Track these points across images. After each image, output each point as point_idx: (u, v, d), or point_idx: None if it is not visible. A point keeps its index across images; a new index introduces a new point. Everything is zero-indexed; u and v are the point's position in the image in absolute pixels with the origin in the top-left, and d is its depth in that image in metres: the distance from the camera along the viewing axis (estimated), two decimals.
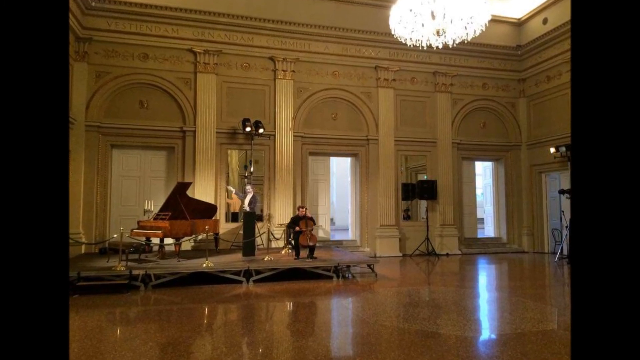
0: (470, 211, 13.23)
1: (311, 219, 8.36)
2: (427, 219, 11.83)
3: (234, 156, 11.43)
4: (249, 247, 8.51)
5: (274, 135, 10.90)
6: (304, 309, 6.01)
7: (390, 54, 11.80)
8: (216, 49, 10.60)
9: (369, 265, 8.55)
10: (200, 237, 9.24)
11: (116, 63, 10.06)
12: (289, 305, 6.18)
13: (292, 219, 8.58)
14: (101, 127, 9.91)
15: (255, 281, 7.35)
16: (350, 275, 8.23)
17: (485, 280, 8.82)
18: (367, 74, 11.75)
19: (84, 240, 9.39)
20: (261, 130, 10.39)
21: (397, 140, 11.84)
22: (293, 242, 8.55)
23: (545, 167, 12.23)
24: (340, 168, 17.50)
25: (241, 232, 9.08)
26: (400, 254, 11.51)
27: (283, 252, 9.20)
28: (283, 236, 10.09)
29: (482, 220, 14.90)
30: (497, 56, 12.69)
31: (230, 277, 7.31)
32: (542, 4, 11.87)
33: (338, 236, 13.38)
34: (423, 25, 6.74)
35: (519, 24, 12.66)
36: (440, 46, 7.09)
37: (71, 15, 9.08)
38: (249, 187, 9.79)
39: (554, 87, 11.87)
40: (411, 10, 6.72)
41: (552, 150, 11.19)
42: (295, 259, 8.12)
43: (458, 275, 8.96)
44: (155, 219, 8.14)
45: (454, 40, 6.90)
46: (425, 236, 11.63)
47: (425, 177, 12.19)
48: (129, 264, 7.17)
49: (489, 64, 12.69)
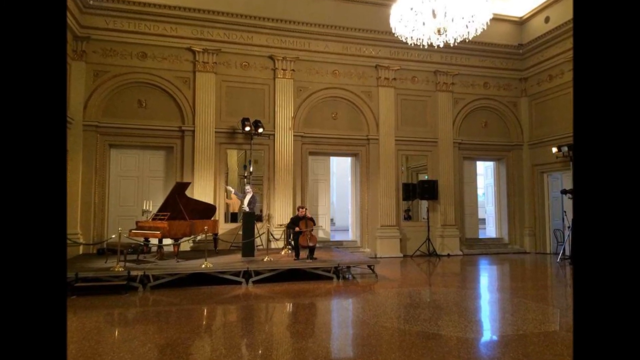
0: (471, 211, 13.22)
1: (311, 219, 8.35)
2: (428, 219, 11.83)
3: (233, 156, 11.43)
4: (248, 247, 8.51)
5: (274, 134, 10.90)
6: (303, 310, 6.01)
7: (391, 52, 11.80)
8: (215, 48, 10.60)
9: (369, 266, 8.55)
10: (199, 237, 9.24)
11: (114, 62, 10.06)
12: (288, 307, 6.18)
13: (291, 219, 8.57)
14: (99, 127, 9.91)
15: (255, 282, 7.35)
16: (350, 276, 8.23)
17: (487, 281, 8.82)
18: (367, 73, 11.75)
19: (81, 240, 9.39)
20: (261, 130, 10.39)
21: (397, 140, 11.84)
22: (293, 242, 8.55)
23: (547, 167, 12.23)
24: (341, 168, 17.50)
25: (240, 232, 9.08)
26: (401, 255, 11.51)
27: (283, 252, 9.20)
28: (283, 237, 10.09)
29: (483, 221, 14.90)
30: (498, 55, 12.69)
31: (229, 278, 7.31)
32: (544, 3, 11.87)
33: (338, 237, 13.38)
34: (424, 24, 6.74)
35: (520, 23, 12.66)
36: (441, 45, 7.09)
37: (69, 14, 9.09)
38: (248, 187, 9.79)
39: (556, 86, 11.87)
40: (412, 9, 6.72)
41: (554, 150, 11.18)
42: (295, 259, 8.11)
43: (459, 276, 8.96)
44: (153, 219, 8.13)
45: (455, 39, 6.90)
46: (426, 237, 11.63)
47: (426, 177, 12.19)
48: (127, 264, 7.17)
49: (490, 63, 12.69)
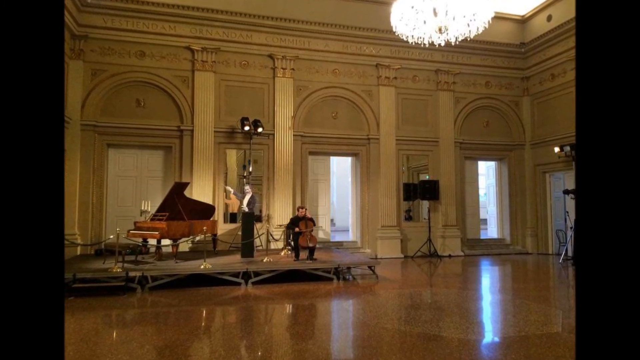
0: (473, 212, 13.23)
1: (311, 219, 8.35)
2: (429, 219, 11.83)
3: (232, 156, 11.43)
4: (247, 248, 8.51)
5: (273, 134, 10.90)
6: (303, 311, 6.01)
7: (392, 51, 11.80)
8: (214, 47, 10.60)
9: (369, 267, 8.55)
10: (198, 238, 9.24)
11: (112, 61, 10.06)
12: (288, 308, 6.18)
13: (291, 219, 8.57)
14: (97, 126, 9.91)
15: (254, 283, 7.35)
16: (350, 277, 8.23)
17: (489, 282, 8.82)
18: (368, 72, 11.75)
19: (79, 241, 9.39)
20: (260, 130, 10.39)
21: (398, 140, 11.84)
22: (292, 243, 8.55)
23: (550, 167, 12.23)
24: (341, 168, 17.50)
25: (240, 233, 9.09)
26: (402, 256, 11.51)
27: (282, 253, 9.20)
28: (282, 237, 10.09)
29: (485, 221, 14.90)
30: (500, 54, 12.69)
31: (228, 278, 7.31)
32: (546, 1, 11.86)
33: (338, 237, 13.38)
34: (425, 23, 6.74)
35: (522, 21, 12.66)
36: (443, 44, 7.09)
37: (66, 12, 9.08)
38: (247, 187, 9.79)
39: (558, 86, 11.87)
40: (413, 7, 6.72)
41: (556, 149, 11.18)
42: (294, 260, 8.11)
43: (461, 277, 8.96)
44: (152, 219, 8.13)
45: (456, 38, 6.90)
46: (427, 237, 11.63)
47: (427, 177, 12.19)
48: (125, 265, 7.16)
49: (492, 61, 12.69)
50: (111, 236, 7.85)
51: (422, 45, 7.23)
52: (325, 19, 11.18)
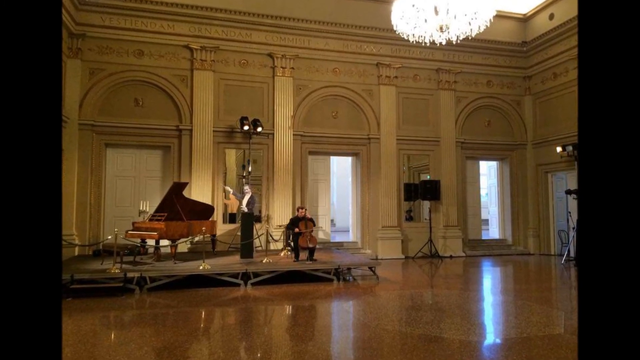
0: (474, 212, 13.23)
1: (311, 220, 8.35)
2: (430, 220, 11.83)
3: (231, 155, 11.44)
4: (247, 249, 8.51)
5: (273, 134, 10.91)
6: (303, 313, 6.01)
7: (392, 50, 11.80)
8: (213, 46, 10.60)
9: (370, 268, 8.55)
10: (197, 238, 9.24)
11: (110, 60, 10.06)
12: (288, 309, 6.18)
13: (291, 220, 8.57)
14: (95, 126, 9.91)
15: (254, 284, 7.35)
16: (351, 277, 8.23)
17: (490, 283, 8.82)
18: (368, 71, 11.76)
19: (77, 242, 9.40)
20: (259, 129, 10.39)
21: (399, 139, 11.85)
22: (292, 243, 8.55)
23: (552, 167, 12.23)
24: (341, 168, 17.50)
25: (239, 233, 9.08)
26: (403, 256, 11.51)
27: (282, 254, 9.20)
28: (282, 238, 10.09)
29: (486, 222, 14.90)
30: (502, 53, 12.69)
31: (227, 279, 7.31)
32: None
33: (338, 238, 13.38)
34: (426, 21, 6.75)
35: (524, 20, 12.66)
36: (444, 42, 7.10)
37: (64, 11, 9.08)
38: (247, 188, 9.79)
39: (560, 85, 11.88)
40: (414, 6, 6.73)
41: (558, 149, 11.18)
42: (294, 261, 8.11)
43: (462, 278, 8.96)
44: (150, 220, 8.13)
45: (457, 37, 6.91)
46: (428, 238, 11.64)
47: (428, 177, 12.20)
48: (123, 266, 7.16)
49: (493, 60, 12.69)
50: (109, 237, 7.86)
51: (423, 44, 7.24)
52: (325, 18, 11.18)
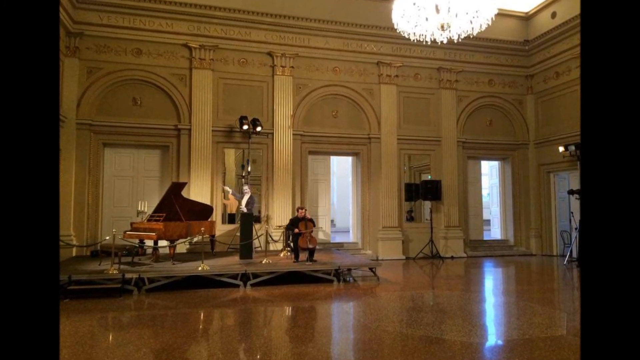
0: (475, 212, 13.23)
1: (311, 220, 8.35)
2: (431, 220, 11.83)
3: (230, 155, 11.44)
4: (246, 249, 8.51)
5: (272, 133, 10.91)
6: (303, 314, 6.01)
7: (393, 49, 11.80)
8: (212, 44, 10.60)
9: (370, 269, 8.55)
10: (195, 239, 9.24)
11: (108, 59, 10.06)
12: (287, 310, 6.18)
13: (291, 220, 8.57)
14: (93, 125, 9.91)
15: (253, 285, 7.35)
16: (351, 278, 8.23)
17: (492, 284, 8.82)
18: (368, 70, 11.76)
19: (75, 242, 9.40)
20: (259, 129, 10.39)
21: (400, 139, 11.85)
22: (292, 244, 8.55)
23: (554, 167, 12.23)
24: (341, 168, 17.50)
25: (238, 234, 9.08)
26: (404, 257, 11.51)
27: (281, 254, 9.20)
28: (282, 238, 10.09)
29: (488, 222, 14.90)
30: (503, 51, 12.69)
31: (226, 280, 7.31)
32: None
33: (339, 238, 13.38)
34: (427, 20, 6.75)
35: (526, 18, 12.66)
36: (445, 41, 7.09)
37: (61, 9, 9.08)
38: (246, 188, 9.79)
39: (562, 84, 11.88)
40: (415, 4, 6.73)
41: (561, 149, 11.18)
42: (294, 262, 8.11)
43: (463, 279, 8.97)
44: (149, 220, 8.13)
45: (459, 35, 6.91)
46: (429, 238, 11.64)
47: (429, 177, 12.20)
48: (121, 267, 7.16)
49: (495, 59, 12.68)
50: (107, 237, 7.86)
51: (424, 43, 7.24)
52: (326, 16, 11.17)
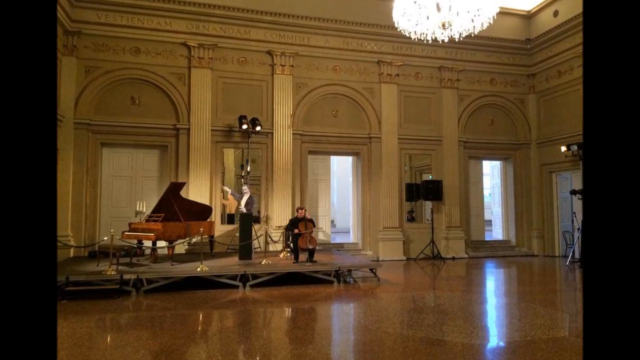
0: (477, 213, 13.22)
1: (311, 220, 8.36)
2: (432, 220, 11.83)
3: (229, 155, 11.44)
4: (245, 250, 8.51)
5: (272, 133, 10.91)
6: (303, 315, 6.01)
7: (394, 48, 11.80)
8: (211, 43, 10.60)
9: (371, 269, 8.55)
10: (194, 239, 9.24)
11: (106, 57, 10.06)
12: (287, 311, 6.18)
13: (290, 220, 8.58)
14: (91, 125, 9.91)
15: (252, 286, 7.35)
16: (351, 279, 8.23)
17: (493, 285, 8.82)
18: (369, 69, 11.76)
19: (72, 243, 9.40)
20: (258, 128, 10.39)
21: (400, 139, 11.85)
22: (292, 245, 8.55)
23: (556, 167, 12.23)
24: (341, 167, 17.50)
25: (237, 234, 9.09)
26: (404, 258, 11.51)
27: (281, 255, 9.20)
28: (281, 239, 10.09)
29: (489, 222, 14.90)
30: (505, 50, 12.69)
31: (225, 281, 7.31)
32: None
33: (339, 239, 13.38)
34: (428, 18, 6.75)
35: (528, 17, 12.66)
36: (446, 40, 7.09)
37: (59, 7, 9.08)
38: (245, 188, 9.79)
39: (565, 83, 11.88)
40: (415, 2, 6.73)
41: (563, 148, 11.18)
42: (294, 262, 8.11)
43: (465, 280, 8.97)
44: (147, 220, 8.14)
45: (460, 34, 6.91)
46: (430, 239, 11.64)
47: (430, 177, 12.20)
48: (119, 268, 7.16)
49: (497, 58, 12.68)
50: (105, 238, 7.85)
51: (425, 42, 7.23)
52: (326, 15, 11.18)
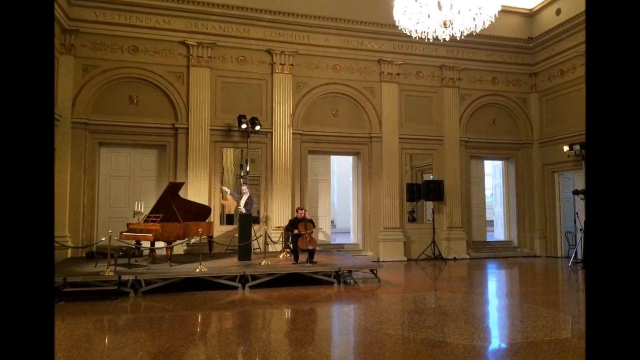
0: (478, 213, 13.23)
1: (311, 221, 8.36)
2: (433, 221, 11.83)
3: (229, 155, 11.44)
4: (244, 251, 8.51)
5: (272, 132, 10.91)
6: (303, 317, 6.01)
7: (395, 46, 11.80)
8: (210, 42, 10.60)
9: (371, 270, 8.55)
10: (193, 240, 9.24)
11: (104, 56, 10.06)
12: (287, 313, 6.18)
13: (290, 221, 8.58)
14: (88, 124, 9.91)
15: (252, 287, 7.35)
16: (352, 280, 8.23)
17: (495, 286, 8.83)
18: (369, 67, 11.76)
19: (70, 243, 9.39)
20: (258, 128, 10.39)
21: (401, 138, 11.85)
22: (291, 245, 8.55)
23: (559, 167, 12.23)
24: (342, 167, 17.50)
25: (236, 235, 9.08)
26: (405, 258, 11.51)
27: (281, 256, 9.20)
28: (281, 239, 10.09)
29: (491, 223, 14.90)
30: (507, 49, 12.69)
31: (225, 282, 7.31)
32: None
33: (339, 239, 13.39)
34: (429, 16, 6.75)
35: (530, 15, 12.66)
36: (448, 38, 7.10)
37: (56, 5, 9.08)
38: (244, 188, 9.79)
39: (567, 82, 11.88)
40: (416, 1, 6.73)
41: (565, 148, 11.19)
42: (293, 263, 8.12)
43: (466, 281, 8.97)
44: (145, 221, 8.14)
45: (461, 32, 6.91)
46: (431, 239, 11.64)
47: (432, 177, 12.20)
48: (117, 269, 7.16)
49: (498, 57, 12.68)
50: (103, 238, 7.85)
51: (426, 40, 7.23)
52: (326, 13, 11.18)
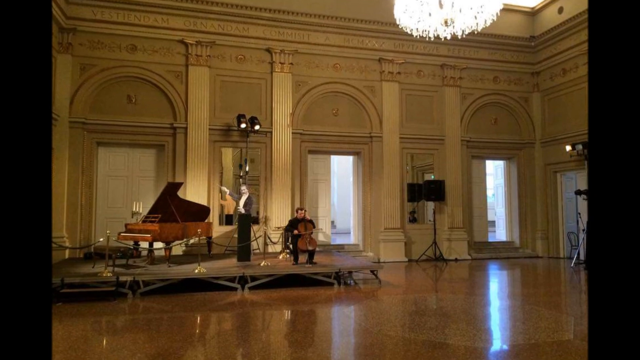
0: (480, 213, 13.23)
1: (310, 221, 8.36)
2: (434, 221, 11.83)
3: (228, 154, 11.43)
4: (244, 251, 8.51)
5: (271, 132, 10.91)
6: (302, 318, 6.01)
7: (395, 45, 11.80)
8: (209, 40, 10.60)
9: (372, 271, 8.55)
10: (192, 241, 9.24)
11: (102, 55, 10.06)
12: (286, 314, 6.18)
13: (290, 221, 8.58)
14: (86, 124, 9.91)
15: (251, 288, 7.35)
16: (352, 281, 8.23)
17: (497, 287, 8.83)
18: (370, 66, 11.76)
19: (67, 244, 9.39)
20: (257, 127, 10.39)
21: (402, 138, 11.85)
22: (291, 246, 8.56)
23: (561, 167, 12.23)
24: (342, 167, 17.51)
25: (236, 235, 9.08)
26: (406, 259, 11.51)
27: (280, 257, 9.20)
28: (280, 240, 10.09)
29: (493, 223, 14.89)
30: (509, 48, 12.69)
31: (224, 283, 7.31)
32: None
33: (339, 240, 13.39)
34: (430, 15, 6.76)
35: (532, 14, 12.66)
36: (449, 37, 7.10)
37: (54, 4, 9.08)
38: (244, 188, 9.78)
39: (570, 81, 11.88)
40: None
41: (568, 148, 11.19)
42: (293, 264, 8.12)
43: (467, 282, 8.97)
44: (144, 221, 8.14)
45: (463, 31, 6.91)
46: (432, 240, 11.64)
47: (433, 176, 12.20)
48: (115, 269, 7.17)
49: (500, 56, 12.68)
50: (101, 239, 7.86)
51: (427, 39, 7.24)
52: (326, 11, 11.18)
